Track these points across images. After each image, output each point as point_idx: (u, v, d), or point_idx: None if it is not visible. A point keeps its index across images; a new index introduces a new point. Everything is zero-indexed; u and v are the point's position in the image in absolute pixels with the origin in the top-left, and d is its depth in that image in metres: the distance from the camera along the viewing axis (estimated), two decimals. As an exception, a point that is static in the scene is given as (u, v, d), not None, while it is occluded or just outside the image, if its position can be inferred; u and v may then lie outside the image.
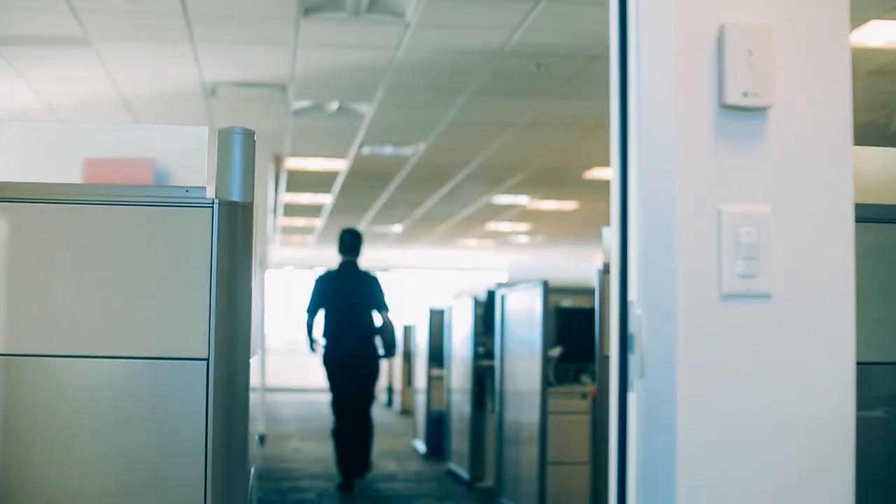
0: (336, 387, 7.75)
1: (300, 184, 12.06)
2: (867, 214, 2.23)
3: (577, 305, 6.54)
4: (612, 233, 1.90)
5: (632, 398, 1.82)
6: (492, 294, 7.92)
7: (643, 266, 1.82)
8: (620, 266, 1.87)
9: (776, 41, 1.80)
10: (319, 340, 7.75)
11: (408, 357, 12.82)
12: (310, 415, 14.21)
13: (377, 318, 7.73)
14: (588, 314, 5.44)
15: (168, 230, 2.41)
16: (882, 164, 2.62)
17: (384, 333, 7.73)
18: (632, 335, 1.82)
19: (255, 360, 3.07)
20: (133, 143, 2.61)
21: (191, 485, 2.36)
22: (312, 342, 7.75)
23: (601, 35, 5.37)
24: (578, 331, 6.11)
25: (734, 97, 1.77)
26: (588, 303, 6.29)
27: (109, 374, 2.38)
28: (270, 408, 13.74)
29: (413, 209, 14.35)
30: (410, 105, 8.18)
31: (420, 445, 9.89)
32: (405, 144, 9.74)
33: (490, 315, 7.84)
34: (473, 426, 7.89)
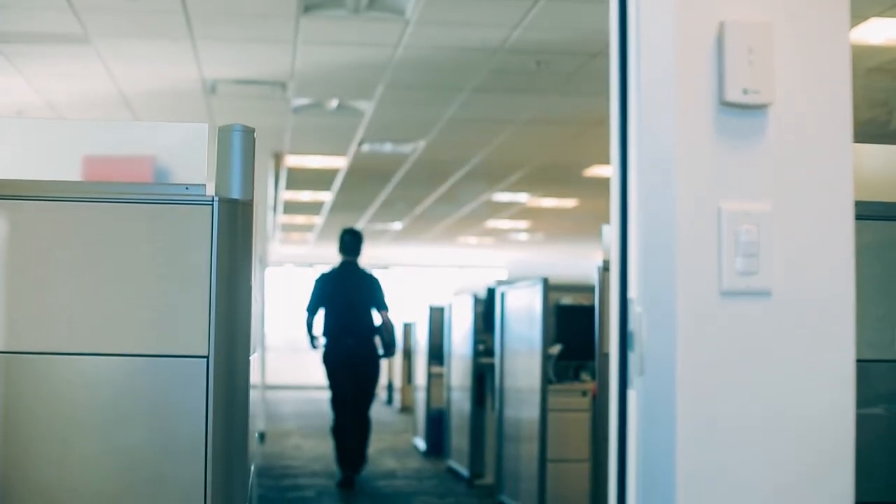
0: (336, 385, 7.80)
1: (300, 181, 12.06)
2: (867, 212, 2.24)
3: (577, 303, 6.54)
4: (612, 230, 1.90)
5: (632, 395, 1.82)
6: (492, 291, 7.92)
7: (643, 263, 1.82)
8: (620, 263, 1.87)
9: (776, 38, 1.80)
10: (320, 338, 7.79)
11: (408, 354, 12.82)
12: (310, 412, 14.21)
13: (377, 318, 7.77)
14: (588, 312, 5.45)
15: (168, 227, 2.41)
16: (882, 162, 2.62)
17: (383, 333, 7.77)
18: (631, 333, 1.82)
19: (255, 358, 3.07)
20: (133, 141, 2.61)
21: (191, 482, 2.36)
22: (313, 339, 7.79)
23: (601, 32, 5.37)
24: (578, 328, 6.11)
25: (734, 94, 1.77)
26: (588, 300, 6.29)
27: (109, 372, 2.38)
28: (270, 405, 13.74)
29: (413, 207, 14.35)
30: (410, 102, 8.18)
31: (420, 443, 9.89)
32: (405, 142, 9.74)
33: (490, 312, 7.84)
34: (473, 423, 7.89)
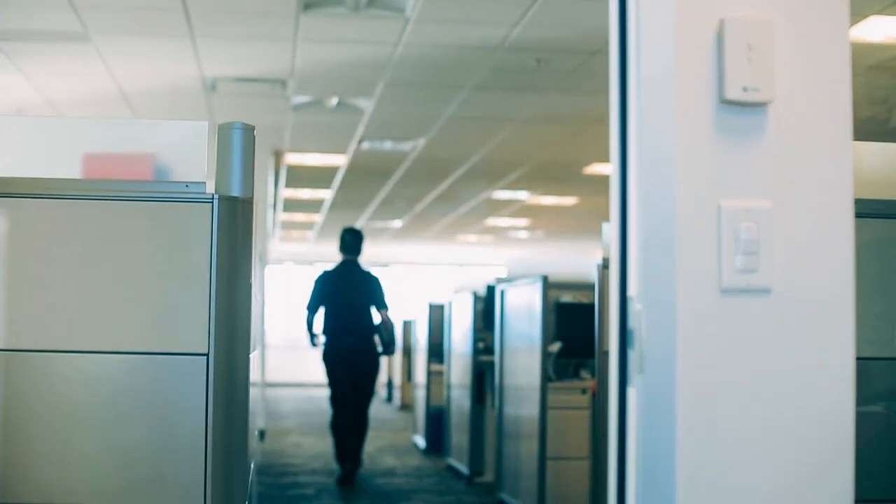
0: (335, 383, 7.84)
1: (300, 179, 12.06)
2: (867, 210, 2.24)
3: (577, 301, 6.54)
4: (612, 228, 1.90)
5: (631, 393, 1.82)
6: (491, 289, 7.93)
7: (643, 261, 1.82)
8: (620, 261, 1.87)
9: (776, 36, 1.80)
10: (320, 336, 7.82)
11: (408, 352, 12.82)
12: (310, 410, 14.22)
13: (376, 317, 7.79)
14: (588, 309, 5.44)
15: (168, 225, 2.41)
16: (882, 160, 2.62)
17: (383, 332, 7.80)
18: (631, 330, 1.83)
19: (255, 356, 3.07)
20: (133, 139, 2.61)
21: (191, 480, 2.36)
22: (313, 337, 7.83)
23: (601, 30, 5.37)
24: (578, 326, 6.11)
25: (734, 92, 1.77)
26: (588, 298, 6.29)
27: (109, 370, 2.38)
28: (270, 403, 13.75)
29: (413, 204, 14.34)
30: (410, 100, 8.18)
31: (420, 440, 9.90)
32: (405, 140, 9.74)
33: (490, 310, 7.85)
34: (473, 421, 7.90)
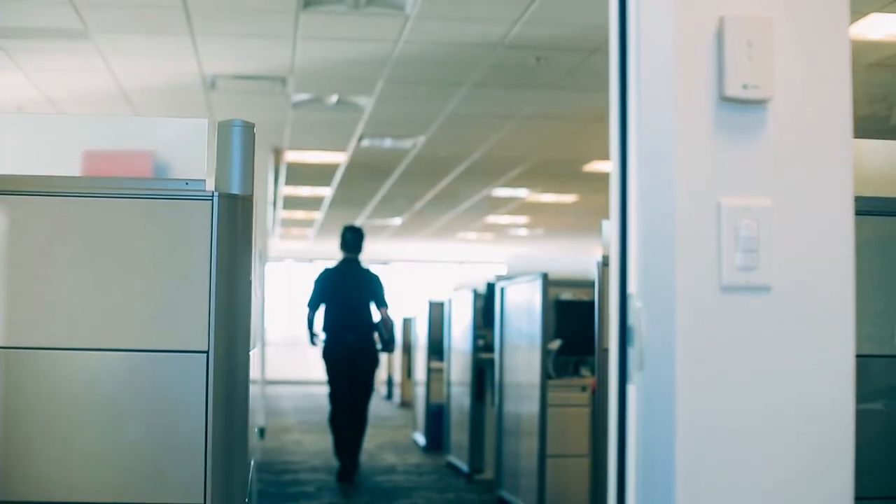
0: (335, 380, 7.88)
1: (300, 176, 12.06)
2: (867, 207, 2.24)
3: (577, 298, 6.54)
4: (612, 225, 1.90)
5: (631, 391, 1.82)
6: (491, 287, 7.93)
7: (643, 259, 1.82)
8: (620, 259, 1.87)
9: (776, 34, 1.80)
10: (320, 334, 7.85)
11: (407, 349, 12.82)
12: (310, 407, 14.22)
13: (376, 314, 7.81)
14: (587, 307, 5.44)
15: (168, 223, 2.41)
16: (882, 157, 2.62)
17: (382, 329, 7.82)
18: (631, 328, 1.83)
19: (255, 353, 3.07)
20: (133, 136, 2.61)
21: (190, 477, 2.36)
22: (313, 335, 7.86)
23: (601, 27, 5.37)
24: (578, 323, 6.12)
25: (734, 90, 1.77)
26: (587, 295, 6.29)
27: (109, 367, 2.38)
28: (270, 400, 13.75)
29: (413, 202, 14.34)
30: (410, 98, 8.18)
31: (420, 438, 9.90)
32: (405, 137, 9.74)
33: (490, 308, 7.85)
34: (473, 419, 7.90)
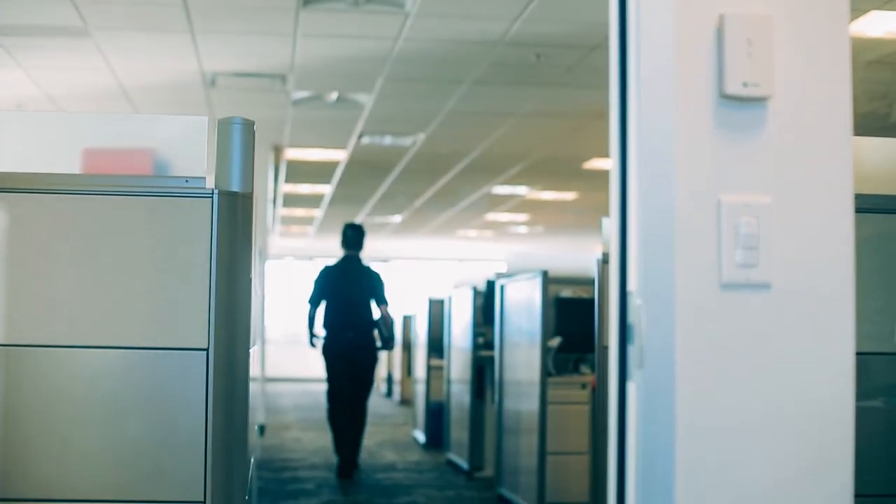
0: (334, 377, 7.88)
1: (300, 174, 12.05)
2: (867, 205, 2.24)
3: (577, 295, 6.54)
4: (612, 223, 1.90)
5: (631, 388, 1.82)
6: (491, 284, 7.93)
7: (642, 256, 1.82)
8: (620, 256, 1.87)
9: (776, 32, 1.80)
10: (319, 334, 7.86)
11: (407, 347, 12.82)
12: (310, 405, 14.22)
13: (376, 312, 7.82)
14: (587, 304, 5.44)
15: (168, 220, 2.41)
16: (882, 155, 2.62)
17: (382, 327, 7.83)
18: (631, 325, 1.83)
19: (255, 351, 3.07)
20: (133, 134, 2.61)
21: (191, 474, 2.37)
22: (313, 336, 7.86)
23: (601, 24, 5.36)
24: (578, 321, 6.11)
25: (734, 87, 1.77)
26: (587, 293, 6.29)
27: (110, 364, 2.39)
28: (270, 398, 13.75)
29: (413, 199, 14.34)
30: (410, 95, 8.17)
31: (420, 435, 9.90)
32: (405, 135, 9.73)
33: (489, 305, 7.85)
34: (473, 416, 7.90)
